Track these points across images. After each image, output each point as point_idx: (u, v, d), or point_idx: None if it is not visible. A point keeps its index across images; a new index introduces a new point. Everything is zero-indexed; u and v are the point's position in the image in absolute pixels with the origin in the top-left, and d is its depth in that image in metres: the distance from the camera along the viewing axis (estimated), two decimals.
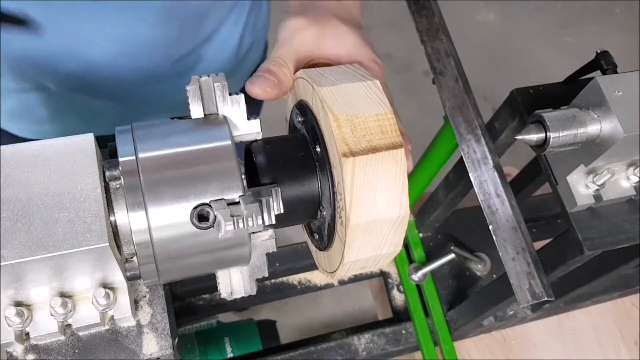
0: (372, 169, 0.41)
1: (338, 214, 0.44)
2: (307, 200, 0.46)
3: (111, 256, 0.42)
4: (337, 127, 0.41)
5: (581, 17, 2.48)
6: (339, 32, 0.52)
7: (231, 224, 0.39)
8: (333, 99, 0.42)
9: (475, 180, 0.65)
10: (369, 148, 0.41)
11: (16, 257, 0.39)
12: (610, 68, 0.62)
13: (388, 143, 0.42)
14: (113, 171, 0.42)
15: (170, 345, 0.50)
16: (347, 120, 0.41)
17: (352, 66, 0.47)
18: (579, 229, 0.61)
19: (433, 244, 1.08)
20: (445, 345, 0.98)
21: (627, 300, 1.11)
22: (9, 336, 0.46)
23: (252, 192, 0.42)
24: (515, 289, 0.60)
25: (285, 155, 0.46)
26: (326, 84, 0.43)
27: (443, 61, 0.71)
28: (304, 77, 0.46)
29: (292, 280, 1.10)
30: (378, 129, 0.42)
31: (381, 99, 0.43)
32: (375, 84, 0.44)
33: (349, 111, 0.42)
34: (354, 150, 0.41)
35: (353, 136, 0.41)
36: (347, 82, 0.44)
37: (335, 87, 0.43)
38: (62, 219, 0.40)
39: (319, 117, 0.44)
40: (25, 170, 0.42)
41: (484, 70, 2.11)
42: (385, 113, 0.43)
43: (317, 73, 0.46)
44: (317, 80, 0.44)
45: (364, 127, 0.42)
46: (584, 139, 0.55)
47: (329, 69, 0.47)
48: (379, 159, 0.41)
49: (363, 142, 0.41)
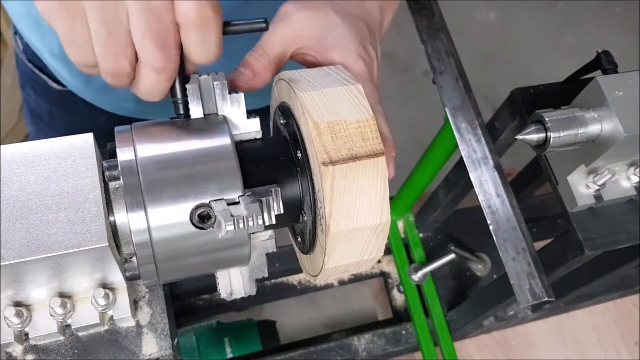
0: (352, 178, 0.41)
1: (319, 221, 0.43)
2: (288, 204, 0.45)
3: (110, 256, 0.42)
4: (317, 135, 0.40)
5: (582, 16, 2.48)
6: (329, 22, 0.50)
7: (231, 224, 0.39)
8: (314, 104, 0.41)
9: (475, 180, 0.65)
10: (350, 156, 0.40)
11: (15, 257, 0.39)
12: (611, 68, 0.61)
13: (369, 151, 0.41)
14: (112, 171, 0.42)
15: (169, 346, 0.50)
16: (328, 128, 0.41)
17: (336, 68, 0.46)
18: (580, 229, 0.61)
19: (433, 244, 1.08)
20: (445, 346, 0.98)
21: (628, 301, 1.11)
22: (9, 336, 0.46)
23: (252, 192, 0.42)
24: (515, 289, 0.60)
25: (267, 159, 0.46)
26: (307, 89, 0.43)
27: (443, 61, 0.71)
28: (285, 79, 0.45)
29: (292, 280, 1.10)
30: (359, 136, 0.41)
31: (363, 104, 0.42)
32: (357, 89, 0.43)
33: (330, 118, 0.41)
34: (334, 159, 0.40)
35: (333, 144, 0.40)
36: (328, 87, 0.43)
37: (316, 92, 0.42)
38: (61, 219, 0.40)
39: (299, 121, 0.43)
40: (25, 170, 0.42)
41: (484, 70, 2.11)
42: (367, 119, 0.42)
43: (299, 76, 0.45)
44: (298, 83, 0.43)
45: (345, 135, 0.41)
46: (585, 139, 0.55)
47: (311, 70, 0.46)
48: (359, 167, 0.41)
49: (343, 150, 0.41)
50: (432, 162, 0.87)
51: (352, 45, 0.50)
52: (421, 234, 1.08)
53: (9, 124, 1.72)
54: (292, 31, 0.50)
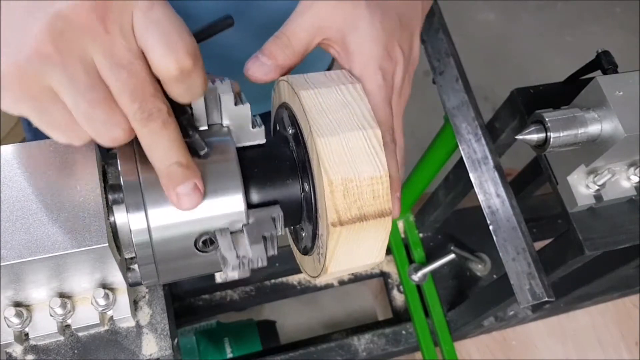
0: (357, 234, 0.41)
1: (316, 251, 0.44)
2: (288, 215, 0.45)
3: (110, 257, 0.42)
4: (330, 192, 0.40)
5: (582, 16, 2.47)
6: (355, 17, 0.45)
7: (237, 266, 0.39)
8: (330, 154, 0.40)
9: (475, 180, 0.65)
10: (358, 217, 0.40)
11: (15, 258, 0.39)
12: (611, 68, 0.62)
13: (378, 210, 0.41)
14: (113, 171, 0.42)
15: (169, 346, 0.50)
16: (341, 184, 0.40)
17: (354, 89, 0.43)
18: (580, 229, 0.61)
19: (433, 244, 1.08)
20: (445, 346, 0.98)
21: (628, 301, 1.11)
22: (9, 337, 0.46)
23: (255, 220, 0.42)
24: (515, 289, 0.60)
25: (273, 181, 0.44)
26: (324, 132, 0.40)
27: (443, 61, 0.71)
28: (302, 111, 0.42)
29: (292, 280, 1.10)
30: (370, 194, 0.40)
31: (379, 156, 0.41)
32: (375, 135, 0.41)
33: (345, 173, 0.40)
34: (343, 220, 0.40)
35: (344, 202, 0.40)
36: (346, 131, 0.41)
37: (334, 139, 0.40)
38: (61, 220, 0.40)
39: (312, 163, 0.42)
40: (25, 170, 0.42)
41: (484, 70, 2.10)
42: (381, 176, 0.41)
43: (313, 101, 0.42)
44: (314, 120, 0.41)
45: (357, 192, 0.40)
46: (585, 139, 0.55)
47: (327, 91, 0.43)
48: (366, 226, 0.41)
49: (353, 208, 0.40)
50: (432, 162, 0.87)
51: (374, 50, 0.46)
52: (421, 234, 1.08)
53: (9, 124, 1.72)
54: (319, 22, 0.46)
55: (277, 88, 0.48)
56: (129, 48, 0.34)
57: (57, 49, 0.32)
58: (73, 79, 0.33)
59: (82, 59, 0.33)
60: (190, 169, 0.38)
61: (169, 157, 0.37)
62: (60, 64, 0.33)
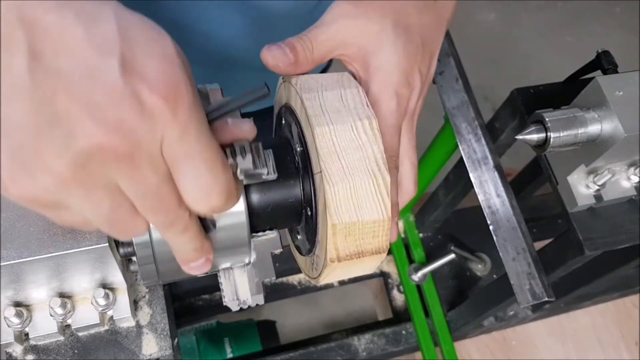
0: (352, 266, 0.42)
1: (313, 259, 0.45)
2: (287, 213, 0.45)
3: (110, 256, 0.42)
4: (332, 235, 0.40)
5: (582, 16, 2.47)
6: (380, 40, 0.45)
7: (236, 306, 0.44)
8: (337, 200, 0.40)
9: (475, 180, 0.65)
10: (356, 253, 0.41)
11: (16, 258, 0.39)
12: (611, 68, 0.62)
13: (375, 248, 0.41)
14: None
15: (169, 346, 0.50)
16: (344, 228, 0.40)
17: (370, 126, 0.42)
18: (580, 229, 0.61)
19: (433, 244, 1.08)
20: (445, 346, 0.98)
21: (628, 301, 1.11)
22: (9, 336, 0.46)
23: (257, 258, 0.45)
24: (515, 289, 0.60)
25: (277, 205, 0.44)
26: (335, 180, 0.40)
27: (443, 61, 0.71)
28: (314, 148, 0.41)
29: (292, 280, 1.10)
30: (370, 234, 0.41)
31: (384, 202, 0.41)
32: (384, 181, 0.41)
33: (349, 219, 0.40)
34: (341, 256, 0.41)
35: (345, 242, 0.41)
36: (356, 177, 0.40)
37: (342, 186, 0.40)
38: None
39: (318, 201, 0.42)
40: None
41: (484, 70, 2.10)
42: (383, 220, 0.41)
43: (327, 141, 0.41)
44: (326, 164, 0.40)
45: (358, 234, 0.41)
46: (585, 139, 0.55)
47: (342, 128, 0.41)
48: (362, 260, 0.42)
49: (352, 247, 0.41)
50: (432, 162, 0.87)
51: (394, 77, 0.45)
52: (421, 234, 1.08)
53: None
54: (343, 37, 0.46)
55: (285, 87, 0.47)
56: (156, 172, 0.32)
57: (78, 180, 0.30)
58: (97, 205, 0.32)
59: (105, 187, 0.31)
60: (204, 249, 0.38)
61: (187, 248, 0.37)
62: (83, 196, 0.31)
